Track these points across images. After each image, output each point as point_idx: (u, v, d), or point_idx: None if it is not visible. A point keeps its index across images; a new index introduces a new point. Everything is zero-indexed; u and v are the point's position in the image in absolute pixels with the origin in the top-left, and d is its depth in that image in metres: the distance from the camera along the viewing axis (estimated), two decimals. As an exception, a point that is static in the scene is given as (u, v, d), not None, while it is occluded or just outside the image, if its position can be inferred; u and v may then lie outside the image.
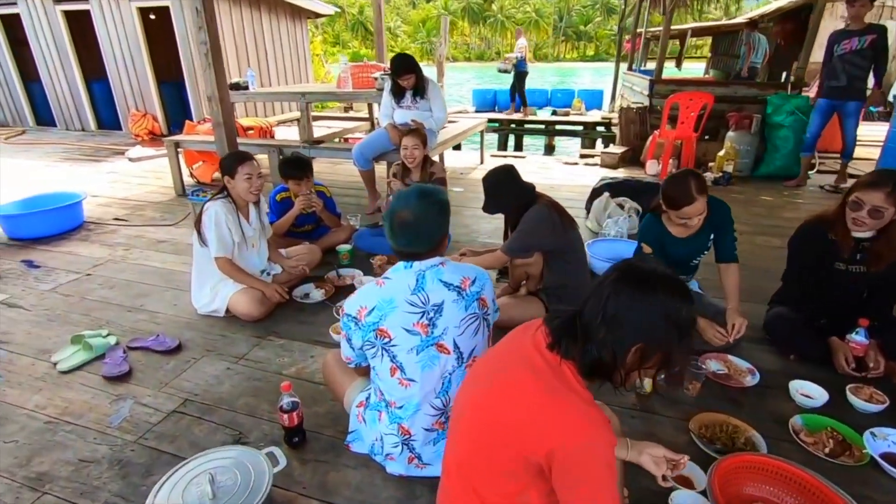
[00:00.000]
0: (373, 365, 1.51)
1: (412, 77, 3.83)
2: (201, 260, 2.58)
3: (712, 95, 5.10)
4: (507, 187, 2.36)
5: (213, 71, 3.83)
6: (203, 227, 2.46)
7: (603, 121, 9.99)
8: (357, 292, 1.51)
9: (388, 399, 1.52)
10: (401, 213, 1.42)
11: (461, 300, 1.47)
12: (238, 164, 2.46)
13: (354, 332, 1.48)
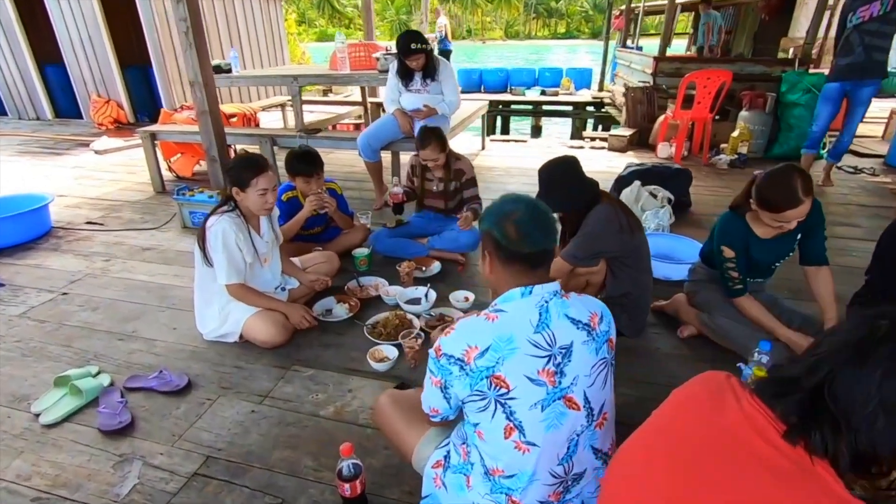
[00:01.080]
0: (473, 421, 1.19)
1: (422, 57, 3.44)
2: (205, 278, 2.19)
3: (731, 73, 4.85)
4: (570, 183, 2.04)
5: (195, 52, 3.37)
6: (209, 249, 2.08)
7: (594, 100, 9.73)
8: (459, 327, 1.19)
9: (489, 465, 1.20)
10: (516, 211, 1.20)
11: (591, 342, 1.18)
12: (253, 176, 2.05)
13: (458, 380, 1.15)
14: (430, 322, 2.32)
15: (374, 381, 2.00)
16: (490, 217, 1.26)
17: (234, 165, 2.10)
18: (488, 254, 1.26)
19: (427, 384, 1.25)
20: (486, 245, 1.27)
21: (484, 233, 1.27)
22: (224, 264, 2.07)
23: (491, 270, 1.27)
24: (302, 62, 11.20)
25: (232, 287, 2.12)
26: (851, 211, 3.79)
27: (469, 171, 2.93)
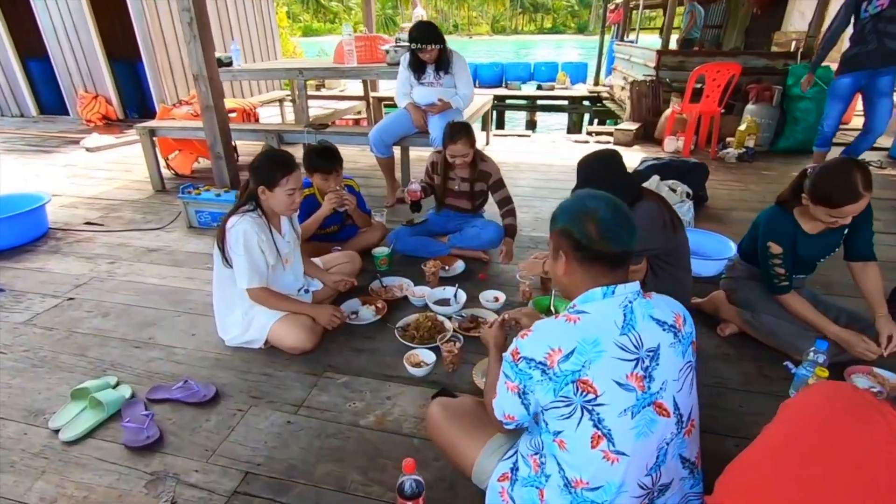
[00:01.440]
0: (555, 430, 1.11)
1: (436, 49, 3.33)
2: (226, 281, 2.07)
3: (740, 66, 4.82)
4: (612, 178, 1.96)
5: (199, 44, 3.24)
6: (229, 250, 1.96)
7: (591, 95, 9.69)
8: (538, 329, 1.12)
9: (571, 477, 1.12)
10: (597, 208, 1.14)
11: (678, 344, 1.12)
12: (283, 175, 1.95)
13: (540, 385, 1.08)
14: (462, 324, 2.24)
15: (412, 387, 1.91)
16: (567, 215, 1.19)
17: (261, 163, 1.98)
18: (563, 254, 1.19)
19: (501, 390, 1.18)
20: (559, 245, 1.20)
21: (559, 231, 1.20)
22: (245, 267, 1.96)
23: (565, 272, 1.20)
24: (294, 57, 10.99)
25: (254, 291, 2.01)
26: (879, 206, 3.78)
27: (496, 173, 2.79)
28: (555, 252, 1.23)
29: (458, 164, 2.73)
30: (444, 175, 2.90)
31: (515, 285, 2.60)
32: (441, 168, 2.88)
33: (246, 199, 2.03)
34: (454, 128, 2.68)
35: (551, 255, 1.25)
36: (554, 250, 1.23)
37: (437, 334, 2.14)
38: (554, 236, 1.22)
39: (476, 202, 2.95)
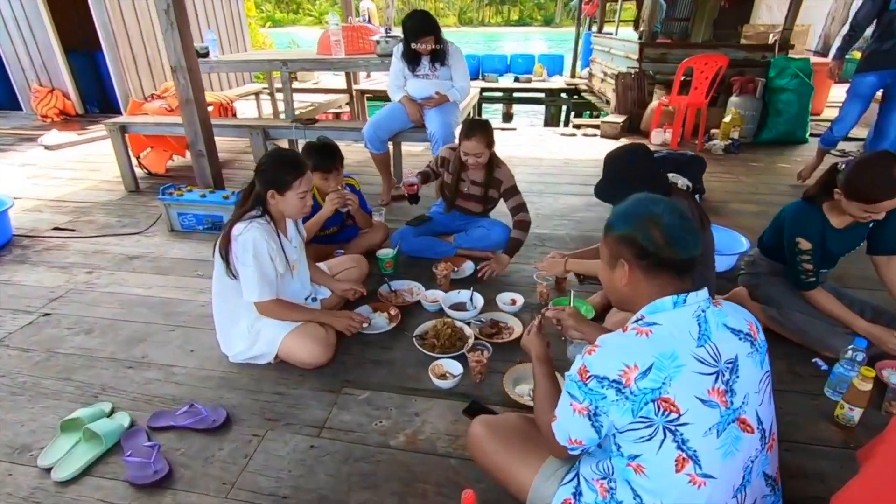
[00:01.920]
0: (631, 453, 1.02)
1: (431, 40, 3.19)
2: (228, 292, 1.90)
3: (727, 58, 4.85)
4: (643, 175, 1.89)
5: (176, 33, 3.01)
6: (235, 262, 1.79)
7: (568, 87, 9.69)
8: (606, 345, 1.03)
9: (649, 503, 1.03)
10: (661, 213, 1.07)
11: (755, 354, 1.06)
12: (295, 177, 1.79)
13: (615, 405, 0.98)
14: (483, 329, 2.13)
15: (439, 400, 1.79)
16: (629, 221, 1.11)
17: (270, 165, 1.81)
18: (626, 262, 1.10)
19: (565, 412, 1.08)
20: (618, 252, 1.12)
21: (618, 238, 1.11)
22: (255, 279, 1.79)
23: (628, 281, 1.11)
24: (264, 48, 10.56)
25: (264, 304, 1.85)
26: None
27: (508, 180, 2.63)
28: (612, 260, 1.14)
29: (470, 163, 2.54)
30: (456, 175, 2.74)
31: (527, 286, 2.51)
32: (454, 167, 2.71)
33: (250, 203, 1.85)
34: (471, 124, 2.53)
35: (606, 263, 1.17)
36: (611, 258, 1.14)
37: (459, 341, 2.03)
38: (611, 243, 1.14)
39: (487, 206, 2.82)
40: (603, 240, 1.18)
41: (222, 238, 1.83)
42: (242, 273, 1.80)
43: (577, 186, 4.03)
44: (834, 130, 4.03)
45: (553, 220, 3.34)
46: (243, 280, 1.81)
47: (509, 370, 1.87)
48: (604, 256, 1.18)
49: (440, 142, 3.22)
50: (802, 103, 5.13)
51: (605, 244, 1.17)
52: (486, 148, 2.48)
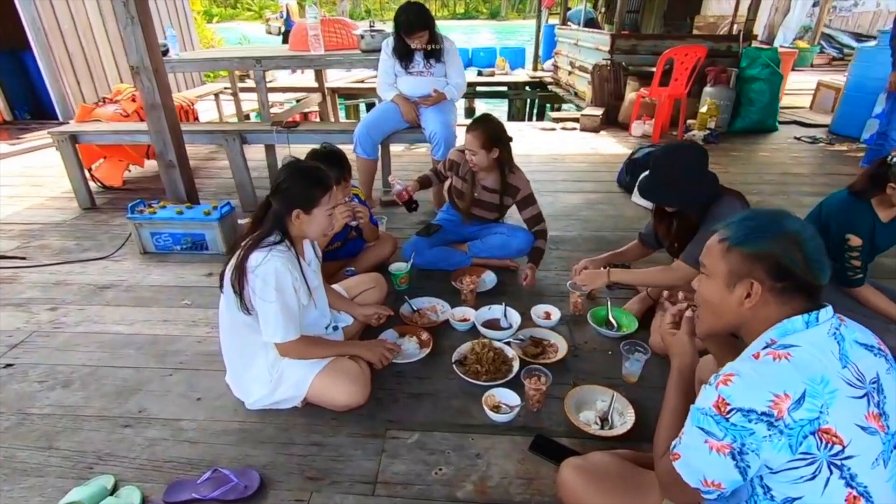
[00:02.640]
0: (788, 496, 0.88)
1: (426, 34, 2.97)
2: (241, 328, 1.64)
3: (706, 49, 4.88)
4: (699, 174, 1.77)
5: (139, 29, 2.66)
6: (252, 297, 1.53)
7: (532, 80, 9.65)
8: (745, 374, 0.89)
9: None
10: (801, 232, 0.96)
11: (893, 370, 0.95)
12: (323, 193, 1.57)
13: (768, 442, 0.85)
14: (525, 349, 1.96)
15: (499, 437, 1.61)
16: (766, 237, 0.98)
17: (294, 182, 1.56)
18: (757, 282, 0.97)
19: (697, 449, 0.93)
20: (750, 270, 0.98)
21: (753, 256, 0.98)
22: (278, 317, 1.54)
23: (754, 303, 0.98)
24: (214, 46, 9.87)
25: (289, 345, 1.59)
26: (844, 182, 3.96)
27: (525, 187, 2.45)
28: (732, 278, 1.00)
29: (468, 158, 2.38)
30: (472, 182, 2.53)
31: (554, 295, 2.37)
32: (468, 171, 2.51)
33: (265, 227, 1.59)
34: (474, 118, 2.39)
35: (725, 281, 1.01)
36: (732, 276, 1.00)
37: (503, 365, 1.85)
38: (736, 260, 1.00)
39: (500, 214, 2.64)
40: (719, 254, 1.02)
41: (235, 269, 1.56)
42: (263, 310, 1.54)
43: (572, 183, 3.93)
44: (892, 139, 3.76)
45: (560, 222, 3.21)
46: (264, 318, 1.55)
47: (568, 394, 1.71)
48: (716, 272, 1.03)
49: (442, 143, 3.01)
50: (773, 92, 5.26)
51: (722, 260, 1.02)
52: (479, 147, 2.30)
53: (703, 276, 1.07)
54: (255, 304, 1.56)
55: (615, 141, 5.16)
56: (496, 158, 2.38)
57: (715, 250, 1.04)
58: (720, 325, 1.09)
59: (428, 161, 4.58)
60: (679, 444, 0.97)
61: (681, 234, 1.92)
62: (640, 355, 1.78)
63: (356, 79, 8.41)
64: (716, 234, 1.07)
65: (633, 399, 1.69)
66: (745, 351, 1.00)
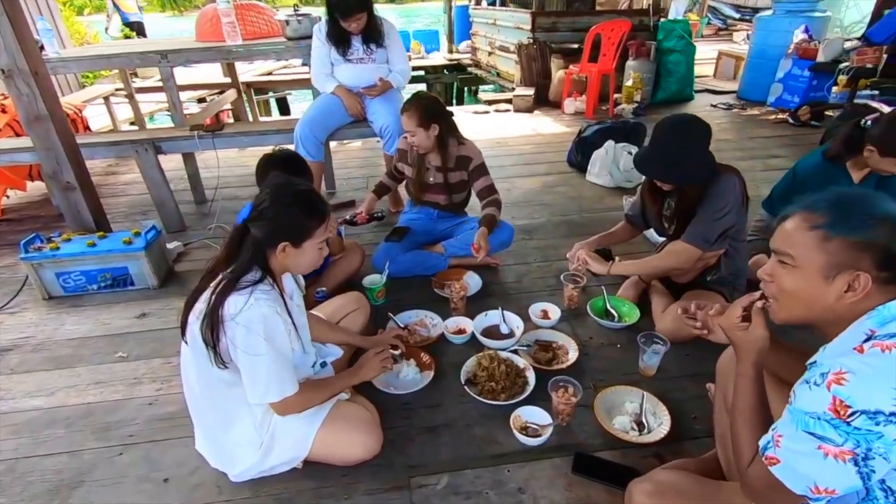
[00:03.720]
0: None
1: (363, 16, 2.67)
2: (216, 386, 1.33)
3: (630, 23, 4.96)
4: (703, 151, 1.70)
5: (7, 23, 2.15)
6: (233, 351, 1.23)
7: (451, 63, 9.48)
8: (862, 372, 0.79)
9: None
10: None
11: None
12: (319, 224, 1.30)
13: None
14: (536, 356, 1.81)
15: (537, 462, 1.45)
16: (871, 223, 0.87)
17: (284, 208, 1.25)
18: (864, 274, 0.87)
19: (808, 457, 0.83)
20: (855, 261, 0.88)
21: (859, 245, 0.87)
22: (271, 372, 1.24)
23: (859, 297, 0.88)
24: (88, 42, 8.55)
25: (289, 401, 1.30)
26: (769, 144, 4.21)
27: (477, 157, 2.31)
28: (836, 269, 0.89)
29: (412, 143, 2.25)
30: (419, 165, 2.35)
31: (543, 290, 2.25)
32: (415, 156, 2.34)
33: (249, 262, 1.27)
34: (408, 98, 2.23)
35: (822, 272, 0.90)
36: (832, 266, 0.89)
37: (519, 378, 1.69)
38: (838, 249, 0.89)
39: (454, 196, 2.44)
40: (814, 243, 0.90)
41: (208, 319, 1.24)
42: (250, 367, 1.24)
43: (524, 167, 3.83)
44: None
45: (523, 209, 3.09)
46: (251, 376, 1.25)
47: (595, 402, 1.59)
48: (810, 263, 0.91)
49: (395, 135, 2.75)
50: (689, 63, 5.50)
51: (819, 250, 0.90)
52: (416, 126, 2.16)
53: (787, 267, 0.95)
54: (236, 359, 1.25)
55: (551, 120, 5.14)
56: (438, 135, 2.21)
57: (806, 239, 0.91)
58: (807, 318, 0.98)
59: (367, 155, 4.28)
60: (775, 448, 0.87)
61: (679, 214, 1.85)
62: (658, 347, 1.69)
63: (262, 71, 7.75)
64: (794, 218, 0.94)
65: (659, 394, 1.60)
66: (836, 344, 0.90)
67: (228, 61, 3.63)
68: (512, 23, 6.72)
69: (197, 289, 1.32)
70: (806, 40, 4.96)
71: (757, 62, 5.54)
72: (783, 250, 0.96)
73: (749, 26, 11.50)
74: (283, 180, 1.36)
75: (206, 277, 1.31)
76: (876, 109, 3.79)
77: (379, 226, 2.89)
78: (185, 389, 1.39)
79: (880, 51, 4.42)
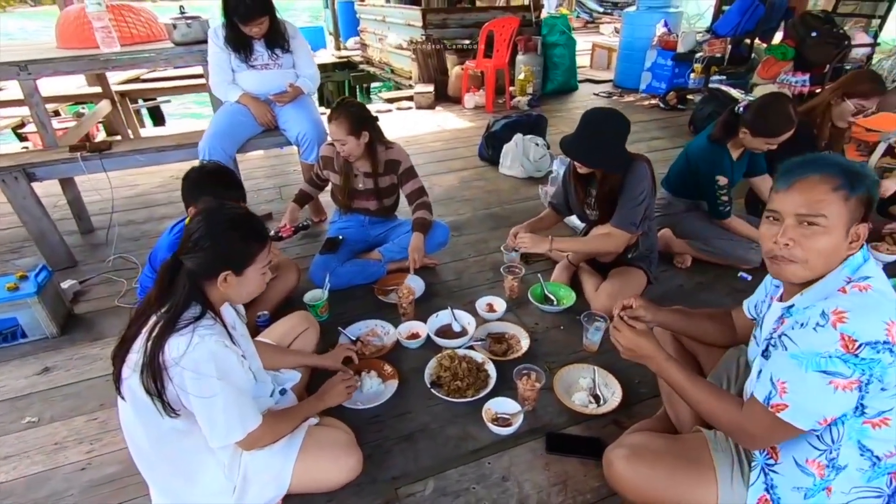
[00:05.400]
0: (879, 410, 0.99)
1: (265, 21, 2.53)
2: (170, 438, 1.22)
3: (518, 20, 5.21)
4: (623, 140, 1.88)
5: None
6: (184, 397, 1.14)
7: (341, 61, 9.26)
8: (856, 309, 0.94)
9: (882, 452, 1.03)
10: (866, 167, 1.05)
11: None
12: (261, 248, 1.22)
13: (892, 368, 0.93)
14: (492, 349, 1.89)
15: (513, 449, 1.53)
16: (864, 180, 1.01)
17: (222, 235, 1.16)
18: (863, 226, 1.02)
19: (819, 394, 0.96)
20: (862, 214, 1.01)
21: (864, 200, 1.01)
22: (230, 410, 1.16)
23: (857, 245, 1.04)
24: None
25: (255, 435, 1.24)
26: (648, 127, 4.69)
27: (405, 160, 2.34)
28: (852, 223, 1.01)
29: (339, 151, 2.20)
30: (346, 172, 2.31)
31: (485, 284, 2.34)
32: (341, 163, 2.30)
33: (186, 297, 1.17)
34: (335, 105, 2.19)
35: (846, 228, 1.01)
36: (849, 222, 1.01)
37: (480, 373, 1.76)
38: (854, 207, 1.00)
39: (385, 201, 2.43)
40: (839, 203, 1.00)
41: (147, 367, 1.12)
42: (206, 410, 1.15)
43: (438, 164, 3.90)
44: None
45: (447, 206, 3.16)
46: (208, 419, 1.16)
47: (553, 383, 1.70)
48: (838, 223, 1.01)
49: (314, 143, 2.65)
50: (571, 55, 5.94)
51: (844, 208, 1.00)
52: (347, 135, 2.12)
53: (817, 228, 1.01)
54: (188, 404, 1.16)
55: (454, 115, 5.27)
56: (368, 142, 2.20)
57: (833, 199, 1.00)
58: (822, 273, 1.05)
59: (274, 164, 4.06)
60: (780, 396, 0.99)
61: (601, 200, 2.02)
62: (599, 324, 1.85)
63: (125, 78, 6.84)
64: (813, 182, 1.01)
65: (606, 366, 1.76)
66: (818, 288, 1.04)
67: (107, 70, 3.21)
68: (402, 20, 6.74)
69: (125, 337, 1.19)
70: (666, 33, 5.60)
71: (627, 53, 6.14)
72: (813, 213, 1.00)
73: (612, 19, 12.70)
74: (215, 204, 1.27)
75: (136, 322, 1.19)
76: (727, 93, 4.43)
77: (308, 238, 2.79)
78: (130, 448, 1.26)
79: (725, 42, 5.13)
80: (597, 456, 1.40)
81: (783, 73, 4.49)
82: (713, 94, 4.47)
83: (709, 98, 4.46)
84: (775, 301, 1.20)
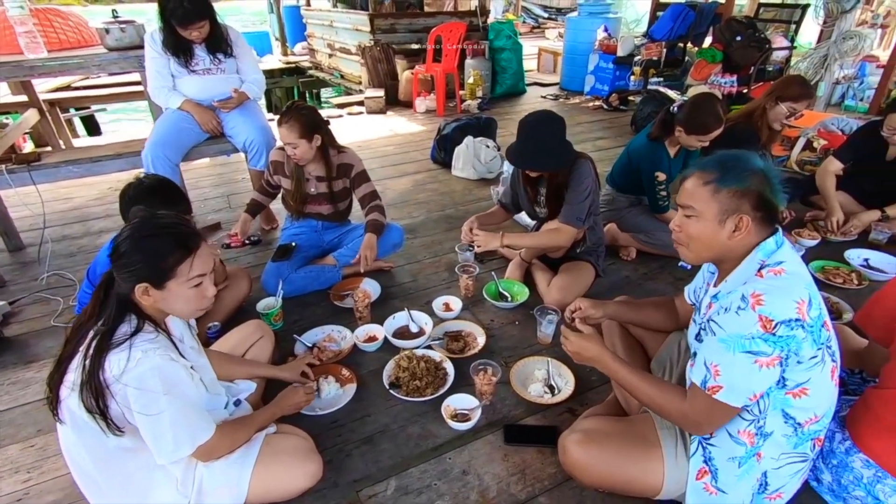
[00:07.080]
0: (798, 381, 1.09)
1: (205, 25, 2.48)
2: (117, 457, 1.18)
3: (465, 24, 5.29)
4: (563, 139, 1.96)
5: None
6: (129, 415, 1.10)
7: (289, 66, 9.08)
8: (770, 291, 1.05)
9: (804, 419, 1.13)
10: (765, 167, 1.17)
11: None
12: (182, 257, 1.13)
13: (806, 342, 1.05)
14: (451, 347, 1.92)
15: (472, 443, 1.55)
16: (747, 177, 1.12)
17: (134, 245, 1.11)
18: (746, 216, 1.11)
19: (746, 373, 1.06)
20: (738, 206, 1.12)
21: (740, 193, 1.12)
22: (178, 425, 1.13)
23: (743, 234, 1.13)
24: None
25: (209, 445, 1.21)
26: (593, 128, 4.87)
27: (358, 163, 2.33)
28: (723, 214, 1.13)
29: (291, 155, 2.17)
30: (298, 176, 2.28)
31: (440, 284, 2.37)
32: (292, 168, 2.27)
33: (117, 313, 1.13)
34: (284, 108, 2.16)
35: (712, 218, 1.13)
36: (723, 212, 1.13)
37: (439, 371, 1.78)
38: (726, 198, 1.12)
39: (338, 205, 2.42)
40: (708, 195, 1.13)
41: (86, 385, 1.08)
42: (152, 427, 1.11)
43: (392, 168, 3.91)
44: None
45: (401, 209, 3.17)
46: (155, 436, 1.12)
47: (509, 376, 1.75)
48: (707, 212, 1.14)
49: (263, 149, 2.60)
50: (518, 59, 6.10)
51: (712, 200, 1.13)
52: (298, 138, 2.09)
53: (692, 217, 1.16)
54: (133, 421, 1.12)
55: (406, 119, 5.29)
56: (320, 146, 2.19)
57: (702, 193, 1.14)
58: (708, 256, 1.22)
59: (221, 172, 3.94)
60: (714, 378, 1.08)
61: (549, 198, 2.10)
62: (552, 317, 1.91)
63: (54, 86, 6.42)
64: (692, 178, 1.17)
65: (560, 358, 1.82)
66: (738, 274, 1.16)
67: (33, 78, 3.02)
68: (350, 24, 6.69)
69: (61, 357, 1.14)
70: (607, 38, 5.85)
71: (571, 57, 6.36)
72: (687, 204, 1.17)
73: (557, 24, 13.09)
74: (144, 213, 1.23)
75: (71, 340, 1.14)
76: (664, 94, 4.68)
77: (259, 246, 2.73)
78: (73, 473, 1.21)
79: (661, 46, 5.41)
80: (553, 444, 1.45)
81: (713, 75, 4.80)
82: (652, 96, 4.71)
83: (648, 99, 4.69)
84: (711, 287, 1.30)
